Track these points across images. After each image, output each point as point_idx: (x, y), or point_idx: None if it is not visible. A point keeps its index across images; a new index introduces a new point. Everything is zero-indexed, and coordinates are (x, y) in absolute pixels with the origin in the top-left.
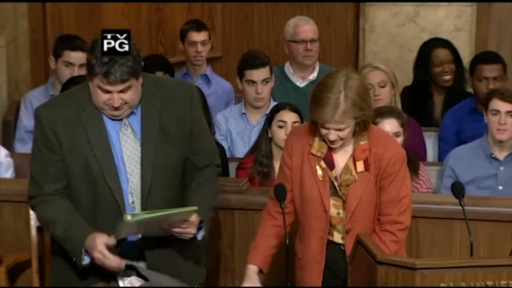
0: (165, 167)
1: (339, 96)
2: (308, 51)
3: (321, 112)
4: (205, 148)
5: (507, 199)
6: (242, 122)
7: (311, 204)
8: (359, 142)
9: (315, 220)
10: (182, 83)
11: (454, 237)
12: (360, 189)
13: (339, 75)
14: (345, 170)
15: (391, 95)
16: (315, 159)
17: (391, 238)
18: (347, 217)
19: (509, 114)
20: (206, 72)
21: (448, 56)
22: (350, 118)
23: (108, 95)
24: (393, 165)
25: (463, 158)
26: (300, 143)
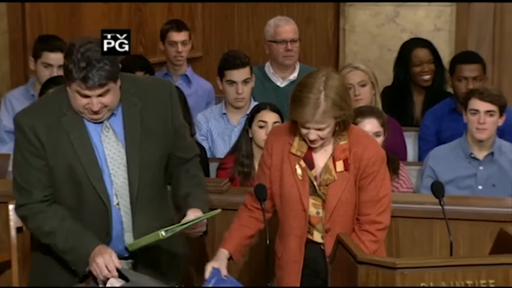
0: (150, 166)
1: (319, 96)
2: (289, 51)
3: (302, 112)
4: (188, 142)
5: (487, 198)
6: (223, 122)
7: (290, 203)
8: (339, 142)
9: (294, 219)
10: (159, 81)
11: (434, 236)
12: (340, 189)
13: (319, 75)
14: (325, 170)
15: (372, 95)
16: (294, 159)
17: (370, 238)
18: (327, 216)
19: (488, 114)
20: (186, 72)
21: (427, 56)
22: (330, 118)
23: (87, 99)
24: (372, 165)
25: (443, 157)
26: (280, 142)
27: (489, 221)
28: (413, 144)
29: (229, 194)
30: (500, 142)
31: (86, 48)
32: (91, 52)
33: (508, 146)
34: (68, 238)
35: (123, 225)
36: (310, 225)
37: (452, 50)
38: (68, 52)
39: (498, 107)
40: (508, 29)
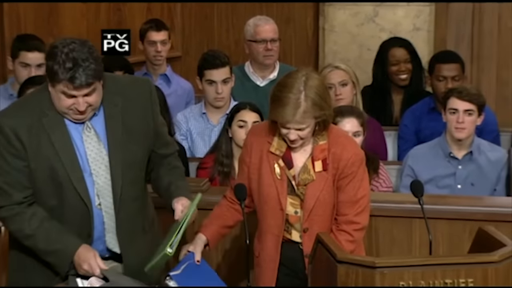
0: (132, 165)
1: (299, 96)
2: (268, 50)
3: (282, 112)
4: (168, 139)
5: (466, 197)
6: (202, 122)
7: (268, 202)
8: (318, 142)
9: (271, 218)
10: (138, 80)
11: (414, 235)
12: (318, 188)
13: (299, 75)
14: (303, 170)
15: (353, 94)
16: (273, 158)
17: (347, 237)
18: (305, 216)
19: (467, 113)
20: (166, 71)
21: (404, 56)
22: (310, 118)
23: (72, 99)
24: (351, 165)
25: (422, 157)
26: (259, 141)
27: (468, 220)
28: (393, 143)
29: (209, 193)
30: (479, 141)
31: (70, 48)
32: (76, 52)
33: (487, 145)
34: (49, 240)
35: (105, 225)
36: (289, 224)
37: (431, 49)
38: (51, 54)
39: (477, 106)
40: (487, 29)
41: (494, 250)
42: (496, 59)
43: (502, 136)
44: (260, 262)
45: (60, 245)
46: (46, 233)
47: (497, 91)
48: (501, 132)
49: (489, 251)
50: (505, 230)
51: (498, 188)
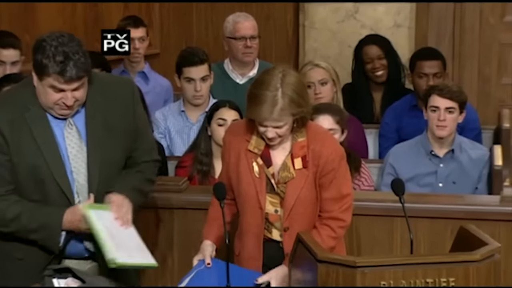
0: (110, 165)
1: (276, 94)
2: (248, 48)
3: (259, 110)
4: (146, 144)
5: (447, 196)
6: (181, 120)
7: (247, 201)
8: (297, 139)
9: (251, 217)
10: (121, 79)
11: (395, 234)
12: (298, 186)
13: (275, 72)
14: (283, 167)
15: (333, 92)
16: (252, 156)
17: (330, 233)
18: (285, 214)
19: (448, 111)
20: (144, 69)
21: (377, 52)
22: (288, 115)
23: (61, 94)
24: (331, 162)
25: (403, 155)
26: (237, 139)
27: (449, 219)
28: (374, 141)
29: (187, 193)
30: (461, 139)
31: (59, 42)
32: (66, 45)
33: (468, 143)
34: (34, 217)
35: None
36: (269, 223)
37: (412, 46)
38: (39, 47)
39: (458, 104)
40: (468, 26)
41: (476, 249)
42: (477, 56)
43: (483, 133)
44: (241, 260)
45: (46, 219)
46: (29, 212)
47: (478, 88)
48: (482, 130)
49: (470, 250)
50: (487, 228)
51: (479, 186)
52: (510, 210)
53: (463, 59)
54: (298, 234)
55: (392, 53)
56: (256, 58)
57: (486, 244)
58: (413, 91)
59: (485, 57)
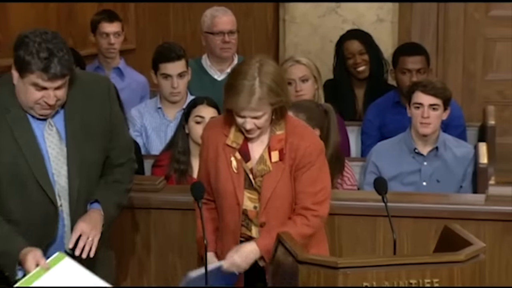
0: (90, 166)
1: (254, 83)
2: (226, 43)
3: (236, 99)
4: (123, 143)
5: (431, 195)
6: (158, 117)
7: (225, 198)
8: (275, 132)
9: (229, 214)
10: (97, 77)
11: (377, 234)
12: (274, 179)
13: (252, 62)
14: (260, 161)
15: (314, 90)
16: (230, 150)
17: (303, 221)
18: (261, 209)
19: (432, 108)
20: (119, 65)
21: (358, 47)
22: (266, 105)
23: (42, 92)
24: (309, 155)
25: (386, 153)
26: (215, 134)
27: (433, 218)
28: (356, 139)
29: (164, 192)
30: (445, 136)
31: (43, 38)
32: (50, 42)
33: (453, 141)
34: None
35: (65, 228)
36: (248, 220)
37: (395, 41)
38: (22, 44)
39: (442, 101)
40: (453, 20)
41: (460, 249)
42: (462, 51)
43: (468, 131)
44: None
45: (9, 247)
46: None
47: (463, 84)
48: (467, 127)
49: (455, 250)
50: (472, 228)
51: (464, 185)
52: (495, 209)
53: (447, 54)
54: (278, 234)
55: (374, 48)
56: (234, 54)
57: (470, 244)
58: (396, 88)
59: (470, 53)
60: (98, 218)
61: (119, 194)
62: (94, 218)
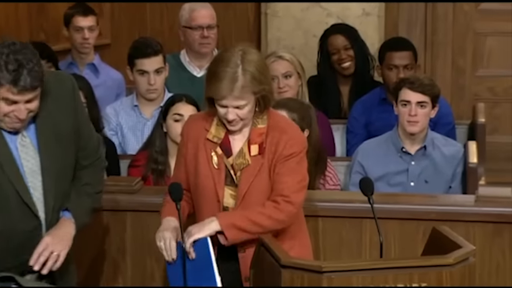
0: (64, 173)
1: (236, 70)
2: (205, 38)
3: (219, 87)
4: (89, 143)
5: (419, 196)
6: (134, 116)
7: (205, 194)
8: (257, 125)
9: (208, 212)
10: (60, 76)
11: (363, 237)
12: (252, 173)
13: (236, 50)
14: (239, 154)
15: (297, 86)
16: (211, 145)
17: (273, 204)
18: (237, 203)
19: (419, 105)
20: (93, 61)
21: (343, 42)
22: (249, 93)
23: (13, 106)
24: (289, 147)
25: (372, 152)
26: (196, 129)
27: (421, 220)
28: (341, 137)
29: (141, 194)
30: (433, 135)
31: (11, 49)
32: (19, 54)
33: (442, 140)
34: None
35: None
36: None
37: (382, 36)
38: None
39: (430, 98)
40: (441, 13)
41: (449, 252)
42: (451, 46)
43: (458, 129)
44: None
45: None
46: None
47: (452, 81)
48: (457, 125)
49: (443, 253)
50: (461, 230)
51: (453, 185)
52: (485, 210)
53: (435, 49)
54: (260, 237)
55: (359, 43)
56: (214, 49)
57: (460, 247)
58: (382, 84)
59: (459, 48)
60: (68, 230)
61: (90, 198)
62: (63, 231)
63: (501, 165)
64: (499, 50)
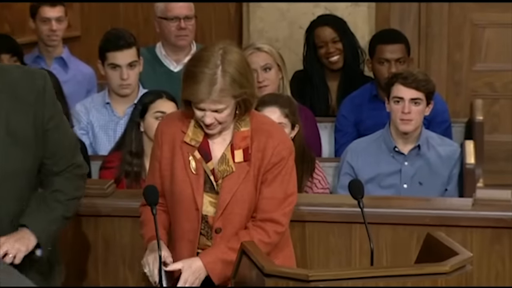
0: (15, 175)
1: (215, 71)
2: (182, 29)
3: (196, 89)
4: (61, 149)
5: (412, 199)
6: (106, 113)
7: (182, 202)
8: (240, 128)
9: (186, 221)
10: (31, 72)
11: (353, 243)
12: (236, 182)
13: (215, 48)
14: (222, 160)
15: (278, 79)
16: (188, 149)
17: (263, 237)
18: (217, 213)
19: (413, 102)
20: (62, 54)
21: (331, 35)
22: (229, 97)
23: None
24: (277, 154)
25: (362, 152)
26: (171, 131)
27: (415, 225)
28: (329, 136)
29: (114, 198)
30: (427, 133)
31: None
32: None
33: (437, 139)
34: None
35: None
36: (208, 228)
37: (372, 28)
38: None
39: (425, 94)
40: (436, 4)
41: (445, 259)
42: (447, 39)
43: (454, 127)
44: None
45: None
46: None
47: (448, 76)
48: (453, 123)
49: (439, 260)
50: (457, 236)
51: (449, 188)
52: (483, 215)
53: (430, 42)
54: (242, 243)
55: (348, 36)
56: (192, 42)
57: (456, 254)
58: (373, 79)
59: (456, 40)
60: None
61: (60, 205)
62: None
63: (500, 166)
64: (497, 42)
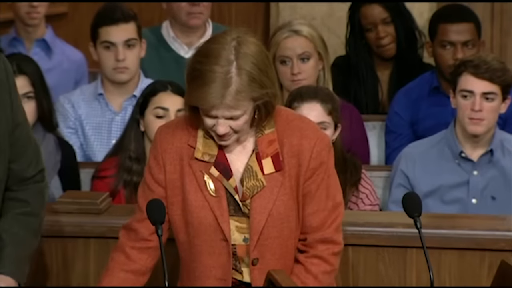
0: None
1: (229, 69)
2: (195, 6)
3: (205, 93)
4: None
5: (483, 217)
6: (99, 108)
7: (202, 233)
8: (264, 132)
9: (210, 256)
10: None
11: (408, 272)
12: (270, 199)
13: (227, 39)
14: (248, 174)
15: (317, 71)
16: (201, 167)
17: (324, 268)
18: (253, 240)
19: (485, 97)
20: (44, 36)
21: (381, 15)
22: (246, 100)
23: None
24: (317, 157)
25: (420, 159)
26: (174, 146)
27: (487, 250)
28: (378, 139)
29: (109, 215)
30: (503, 136)
31: None
32: None
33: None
34: None
35: None
36: (236, 260)
37: (433, 4)
38: None
39: (500, 87)
40: None
41: None
42: None
43: None
44: None
45: None
46: None
47: None
48: None
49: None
50: None
51: None
52: None
53: (506, 21)
54: (269, 272)
55: (402, 15)
56: (208, 20)
57: None
58: (434, 68)
59: None
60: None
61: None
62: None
63: None
64: None
